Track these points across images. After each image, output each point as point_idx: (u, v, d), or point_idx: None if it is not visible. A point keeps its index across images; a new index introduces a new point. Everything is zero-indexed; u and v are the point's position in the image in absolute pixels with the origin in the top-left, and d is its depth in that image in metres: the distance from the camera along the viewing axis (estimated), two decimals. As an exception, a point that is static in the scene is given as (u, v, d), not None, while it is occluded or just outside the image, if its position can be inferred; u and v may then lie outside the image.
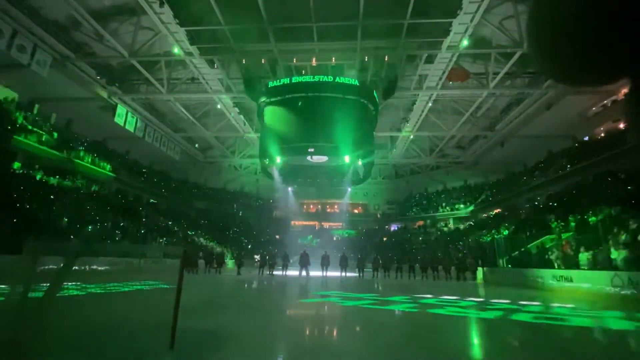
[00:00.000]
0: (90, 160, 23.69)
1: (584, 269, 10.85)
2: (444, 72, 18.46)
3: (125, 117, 22.36)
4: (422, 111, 22.73)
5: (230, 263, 26.17)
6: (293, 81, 19.17)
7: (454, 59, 17.45)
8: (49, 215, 16.26)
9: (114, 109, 21.71)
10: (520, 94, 20.61)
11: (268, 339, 4.41)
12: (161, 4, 14.12)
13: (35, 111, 21.13)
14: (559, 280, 11.58)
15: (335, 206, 42.11)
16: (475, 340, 4.65)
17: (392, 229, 40.12)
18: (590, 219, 14.68)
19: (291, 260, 21.54)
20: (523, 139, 24.98)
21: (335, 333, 4.97)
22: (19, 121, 19.19)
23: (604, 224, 11.26)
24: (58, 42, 16.70)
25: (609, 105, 20.22)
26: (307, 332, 4.93)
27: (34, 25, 15.45)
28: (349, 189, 36.44)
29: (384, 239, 37.17)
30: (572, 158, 22.46)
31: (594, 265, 10.64)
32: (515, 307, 7.41)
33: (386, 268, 19.51)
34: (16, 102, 19.84)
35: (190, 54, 17.55)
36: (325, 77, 19.12)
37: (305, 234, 38.04)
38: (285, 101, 19.39)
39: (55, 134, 21.59)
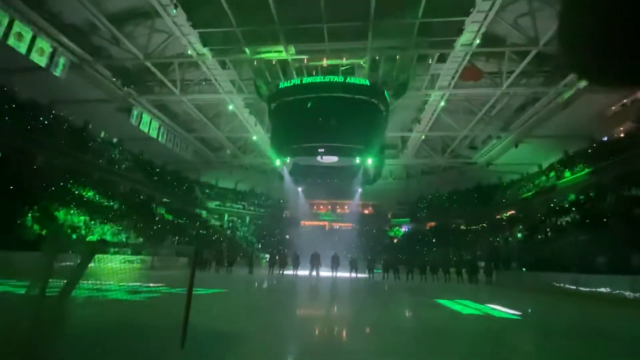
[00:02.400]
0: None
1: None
2: (456, 71, 18.17)
3: (140, 118, 22.81)
4: (434, 111, 22.43)
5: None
6: (304, 82, 19.19)
7: (467, 57, 17.15)
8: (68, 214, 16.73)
9: (129, 110, 22.18)
10: (535, 93, 20.10)
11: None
12: (175, 7, 14.35)
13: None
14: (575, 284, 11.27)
15: (346, 206, 41.97)
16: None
17: (402, 230, 39.76)
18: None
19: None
20: (538, 140, 24.35)
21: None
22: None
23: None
24: (76, 45, 17.16)
25: (629, 104, 19.53)
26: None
27: (53, 30, 15.91)
28: (360, 190, 36.27)
29: (395, 240, 36.87)
30: (590, 159, 21.81)
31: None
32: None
33: (396, 270, 19.34)
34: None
35: (202, 55, 17.79)
36: (336, 77, 19.08)
37: (315, 234, 37.98)
38: (296, 102, 19.42)
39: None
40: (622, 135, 20.98)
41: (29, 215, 13.98)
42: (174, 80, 20.49)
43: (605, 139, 22.25)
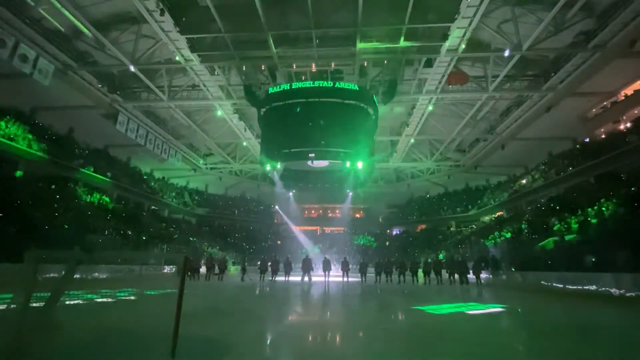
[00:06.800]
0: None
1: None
2: (443, 76, 18.50)
3: (126, 125, 22.43)
4: (422, 115, 22.76)
5: (232, 269, 26.00)
6: (293, 87, 19.24)
7: (453, 62, 17.49)
8: (51, 223, 16.25)
9: (115, 116, 21.80)
10: (520, 96, 20.63)
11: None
12: (162, 13, 14.22)
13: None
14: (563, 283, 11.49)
15: (337, 210, 42.06)
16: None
17: (393, 233, 40.01)
18: (592, 221, 14.59)
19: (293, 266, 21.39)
20: (523, 141, 24.95)
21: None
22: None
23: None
24: (60, 51, 16.85)
25: (609, 106, 20.20)
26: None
27: (36, 35, 15.61)
28: (350, 193, 36.41)
29: (386, 243, 37.04)
30: (573, 160, 22.41)
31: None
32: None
33: (388, 272, 19.36)
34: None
35: (190, 61, 17.67)
36: (325, 82, 19.20)
37: (307, 238, 37.82)
38: (286, 107, 19.44)
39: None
40: (602, 136, 21.61)
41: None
42: (162, 86, 20.30)
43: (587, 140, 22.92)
